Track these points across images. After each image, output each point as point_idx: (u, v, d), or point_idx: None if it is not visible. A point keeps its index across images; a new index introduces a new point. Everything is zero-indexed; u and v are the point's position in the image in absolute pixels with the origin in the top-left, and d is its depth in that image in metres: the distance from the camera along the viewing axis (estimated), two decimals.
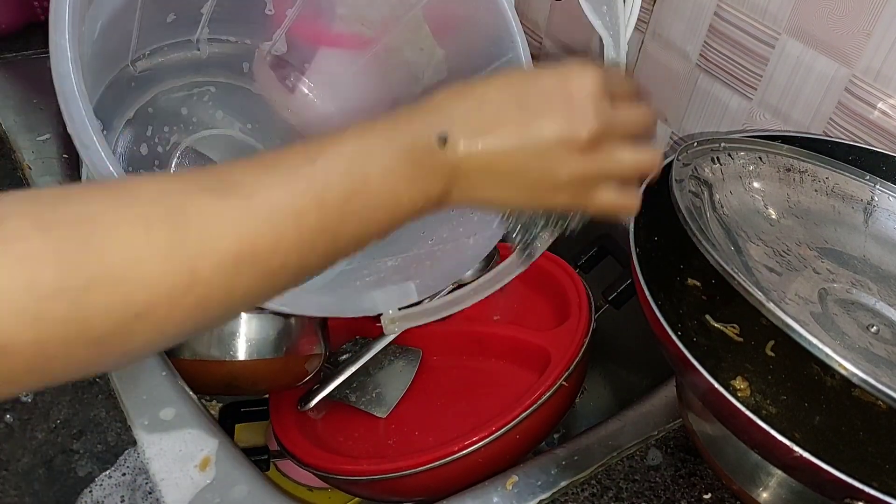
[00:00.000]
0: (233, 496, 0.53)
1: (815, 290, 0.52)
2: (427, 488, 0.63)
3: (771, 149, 0.60)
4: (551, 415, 0.66)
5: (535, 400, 0.63)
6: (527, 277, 0.75)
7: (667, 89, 0.84)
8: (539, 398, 0.63)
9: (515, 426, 0.62)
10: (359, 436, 0.69)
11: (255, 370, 0.60)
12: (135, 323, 0.29)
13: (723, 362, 0.52)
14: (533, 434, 0.65)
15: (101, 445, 0.55)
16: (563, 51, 0.97)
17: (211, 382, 0.61)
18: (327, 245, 0.34)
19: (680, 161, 0.54)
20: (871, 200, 0.60)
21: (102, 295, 0.28)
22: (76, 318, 0.28)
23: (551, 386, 0.64)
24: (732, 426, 0.46)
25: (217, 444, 0.56)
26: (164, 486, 0.53)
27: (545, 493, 0.56)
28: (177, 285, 0.30)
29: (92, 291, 0.28)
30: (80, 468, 0.54)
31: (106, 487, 0.53)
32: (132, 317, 0.29)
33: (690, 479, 0.57)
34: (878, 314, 0.52)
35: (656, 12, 0.81)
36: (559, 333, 0.70)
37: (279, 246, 0.32)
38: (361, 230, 0.35)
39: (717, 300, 0.57)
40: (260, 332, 0.60)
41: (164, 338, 0.31)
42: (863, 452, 0.47)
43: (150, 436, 0.56)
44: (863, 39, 0.63)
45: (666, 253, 0.56)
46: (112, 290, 0.28)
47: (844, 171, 0.61)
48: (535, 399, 0.63)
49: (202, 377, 0.61)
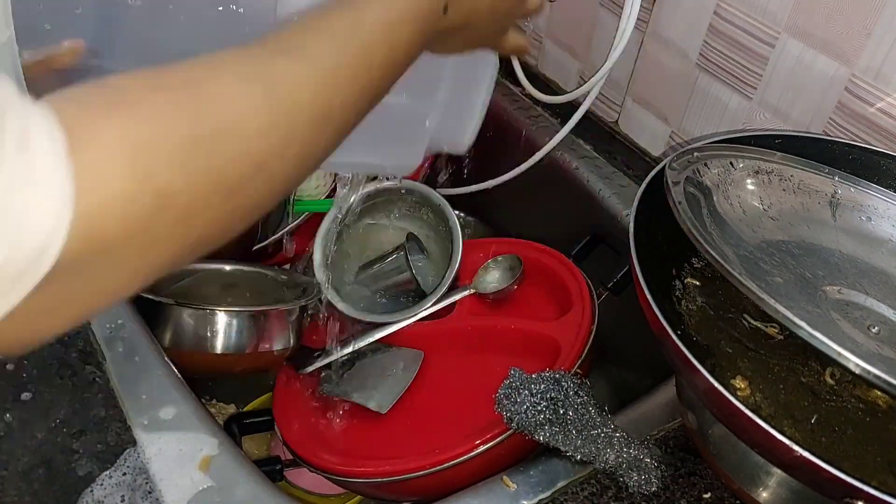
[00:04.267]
0: (233, 496, 0.53)
1: (808, 292, 0.52)
2: (436, 487, 0.63)
3: (737, 152, 0.60)
4: None
5: None
6: (524, 271, 0.75)
7: (667, 89, 0.84)
8: None
9: None
10: (367, 437, 0.69)
11: (229, 361, 0.70)
12: (257, 174, 0.32)
13: (722, 361, 0.52)
14: None
15: (101, 445, 0.55)
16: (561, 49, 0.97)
17: (194, 368, 0.69)
18: (371, 100, 0.40)
19: (670, 179, 0.54)
20: (834, 194, 0.61)
21: (229, 144, 0.31)
22: (213, 167, 0.30)
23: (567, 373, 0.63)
24: (732, 426, 0.46)
25: (217, 444, 0.56)
26: (164, 486, 0.53)
27: (545, 492, 0.56)
28: (282, 138, 0.33)
29: (220, 142, 0.31)
30: (80, 468, 0.54)
31: (106, 487, 0.53)
32: (254, 168, 0.32)
33: (690, 478, 0.57)
34: (871, 312, 0.52)
35: (656, 12, 0.81)
36: (564, 323, 0.69)
37: (346, 103, 0.38)
38: (390, 82, 0.42)
39: (718, 299, 0.57)
40: (234, 329, 0.69)
41: (275, 193, 0.35)
42: (863, 452, 0.47)
43: (150, 436, 0.56)
44: (863, 39, 0.63)
45: (666, 253, 0.56)
46: (236, 141, 0.31)
47: (805, 167, 0.61)
48: None
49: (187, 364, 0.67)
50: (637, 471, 0.55)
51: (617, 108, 0.92)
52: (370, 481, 0.64)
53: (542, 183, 0.94)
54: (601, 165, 0.90)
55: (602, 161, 0.90)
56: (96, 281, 0.29)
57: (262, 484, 0.55)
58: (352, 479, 0.65)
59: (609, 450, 0.55)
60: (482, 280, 0.77)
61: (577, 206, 0.89)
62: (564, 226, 0.90)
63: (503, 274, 0.77)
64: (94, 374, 0.60)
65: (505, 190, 0.95)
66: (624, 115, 0.92)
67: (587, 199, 0.88)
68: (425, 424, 0.68)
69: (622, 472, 0.55)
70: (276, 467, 0.72)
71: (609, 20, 0.87)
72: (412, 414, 0.69)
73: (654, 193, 0.55)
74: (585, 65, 0.95)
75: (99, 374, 0.60)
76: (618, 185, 0.87)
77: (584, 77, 0.96)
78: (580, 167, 0.90)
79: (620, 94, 0.91)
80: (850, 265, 0.56)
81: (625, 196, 0.85)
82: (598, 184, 0.88)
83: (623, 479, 0.55)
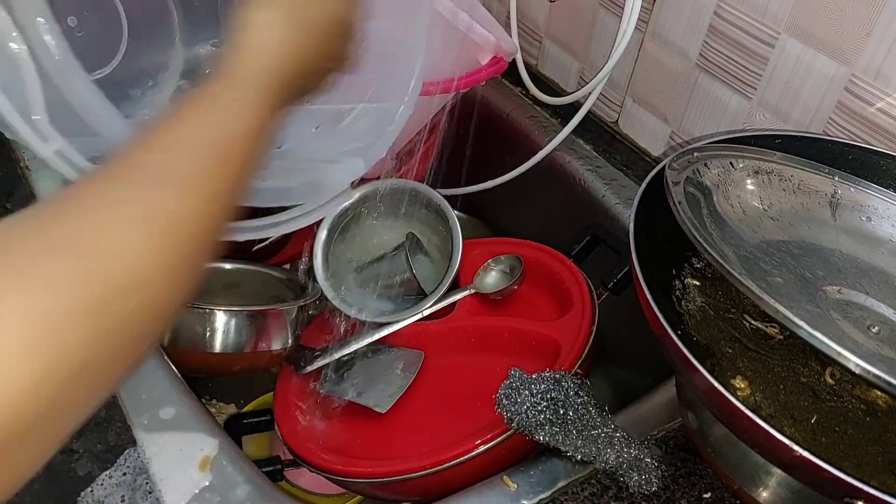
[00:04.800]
0: (232, 496, 0.53)
1: (808, 292, 0.52)
2: (436, 487, 0.62)
3: (737, 152, 0.60)
4: None
5: None
6: (524, 271, 0.75)
7: (667, 89, 0.84)
8: None
9: None
10: (367, 437, 0.69)
11: (228, 360, 0.70)
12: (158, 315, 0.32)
13: (723, 361, 0.52)
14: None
15: (101, 445, 0.55)
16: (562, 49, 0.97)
17: (193, 367, 0.69)
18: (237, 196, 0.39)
19: (670, 179, 0.54)
20: (834, 194, 0.61)
21: (127, 299, 0.30)
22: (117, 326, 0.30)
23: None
24: (732, 425, 0.46)
25: (217, 444, 0.56)
26: (164, 486, 0.53)
27: (545, 492, 0.56)
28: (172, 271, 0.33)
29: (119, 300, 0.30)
30: (80, 467, 0.54)
31: (106, 487, 0.53)
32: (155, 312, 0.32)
33: (690, 478, 0.57)
34: (871, 311, 0.52)
35: (656, 12, 0.81)
36: (565, 323, 0.69)
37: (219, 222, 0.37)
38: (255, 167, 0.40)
39: (718, 299, 0.57)
40: (233, 329, 0.69)
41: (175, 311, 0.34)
42: (862, 451, 0.47)
43: (150, 436, 0.56)
44: (862, 39, 0.63)
45: (666, 253, 0.56)
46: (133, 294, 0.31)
47: (805, 167, 0.61)
48: None
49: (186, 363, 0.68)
50: (637, 471, 0.55)
51: (617, 108, 0.92)
52: (370, 481, 0.64)
53: (542, 183, 0.94)
54: (601, 165, 0.90)
55: (602, 161, 0.90)
56: (13, 464, 0.28)
57: (262, 484, 0.55)
58: (352, 479, 0.65)
59: (609, 450, 0.55)
60: (482, 280, 0.77)
61: (577, 206, 0.89)
62: (564, 226, 0.90)
63: (503, 274, 0.77)
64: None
65: (505, 190, 0.95)
66: (624, 116, 0.92)
67: (587, 199, 0.88)
68: (425, 424, 0.68)
69: (622, 472, 0.55)
70: (276, 467, 0.72)
71: (609, 20, 0.87)
72: (412, 414, 0.69)
73: (654, 193, 0.55)
74: (586, 65, 0.95)
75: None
76: (618, 185, 0.87)
77: (584, 77, 0.96)
78: (580, 167, 0.90)
79: (620, 95, 0.91)
80: (850, 265, 0.56)
81: (625, 196, 0.85)
82: (598, 184, 0.88)
83: (623, 479, 0.55)
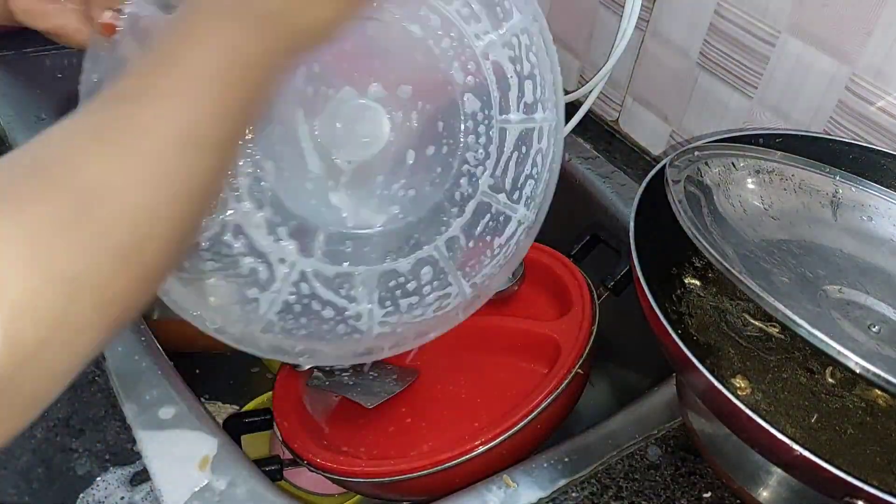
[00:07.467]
0: (232, 496, 0.53)
1: (808, 291, 0.52)
2: (436, 487, 0.62)
3: (738, 151, 0.60)
4: (566, 404, 0.65)
5: (553, 389, 0.62)
6: (524, 271, 0.75)
7: (667, 88, 0.84)
8: (556, 387, 0.62)
9: (536, 417, 0.61)
10: (367, 437, 0.69)
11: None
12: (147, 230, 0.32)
13: (723, 361, 0.52)
14: (551, 425, 0.64)
15: (101, 444, 0.55)
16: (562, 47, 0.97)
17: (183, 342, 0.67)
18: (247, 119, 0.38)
19: (670, 178, 0.54)
20: (835, 193, 0.61)
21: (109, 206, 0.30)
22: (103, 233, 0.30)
23: (567, 374, 0.63)
24: (733, 425, 0.46)
25: (217, 444, 0.56)
26: (164, 485, 0.53)
27: (545, 491, 0.56)
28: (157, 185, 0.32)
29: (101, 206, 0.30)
30: (79, 467, 0.54)
31: (106, 487, 0.53)
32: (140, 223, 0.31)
33: (690, 477, 0.57)
34: (871, 311, 0.52)
35: (657, 11, 0.81)
36: (565, 323, 0.69)
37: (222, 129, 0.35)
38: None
39: (718, 299, 0.57)
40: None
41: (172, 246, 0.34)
42: (863, 451, 0.47)
43: (150, 435, 0.56)
44: (863, 37, 0.62)
45: (666, 253, 0.56)
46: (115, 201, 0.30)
47: (806, 166, 0.61)
48: (553, 388, 0.62)
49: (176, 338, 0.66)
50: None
51: (617, 107, 0.92)
52: (370, 481, 0.64)
53: None
54: (601, 164, 0.90)
55: (602, 160, 0.90)
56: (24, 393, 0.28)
57: (261, 483, 0.55)
58: (352, 478, 0.65)
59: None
60: None
61: (577, 205, 0.89)
62: (564, 226, 0.89)
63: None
64: (94, 374, 0.60)
65: None
66: (624, 115, 0.92)
67: (587, 199, 0.88)
68: (425, 424, 0.68)
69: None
70: (276, 467, 0.72)
71: (609, 19, 0.87)
72: (412, 414, 0.69)
73: (654, 193, 0.55)
74: (586, 64, 0.95)
75: (98, 373, 0.60)
76: (618, 184, 0.87)
77: (584, 76, 0.96)
78: (580, 166, 0.90)
79: (620, 94, 0.91)
80: (851, 264, 0.56)
81: (625, 195, 0.85)
82: (598, 183, 0.88)
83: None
